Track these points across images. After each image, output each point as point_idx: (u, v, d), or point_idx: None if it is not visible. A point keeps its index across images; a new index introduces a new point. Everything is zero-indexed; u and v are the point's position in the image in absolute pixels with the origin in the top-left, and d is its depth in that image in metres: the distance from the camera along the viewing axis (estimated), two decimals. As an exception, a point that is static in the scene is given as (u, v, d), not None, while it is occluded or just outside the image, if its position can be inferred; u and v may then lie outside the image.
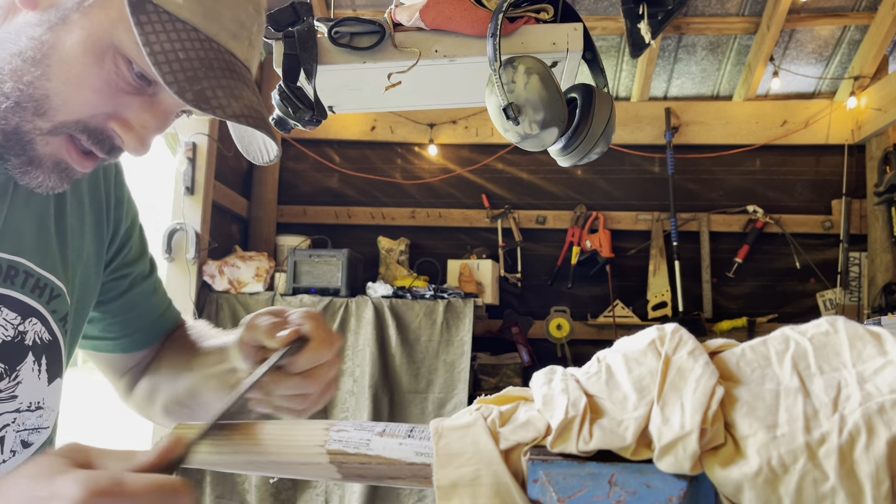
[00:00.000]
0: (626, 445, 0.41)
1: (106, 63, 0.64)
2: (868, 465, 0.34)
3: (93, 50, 0.63)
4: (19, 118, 0.64)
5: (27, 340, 0.76)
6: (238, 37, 0.68)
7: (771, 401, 0.39)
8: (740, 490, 0.37)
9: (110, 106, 0.66)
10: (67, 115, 0.65)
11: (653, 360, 0.44)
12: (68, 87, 0.64)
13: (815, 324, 0.42)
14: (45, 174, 0.67)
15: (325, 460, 0.50)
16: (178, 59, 0.61)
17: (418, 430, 0.50)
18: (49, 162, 0.67)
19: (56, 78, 0.63)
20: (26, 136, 0.65)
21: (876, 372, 0.38)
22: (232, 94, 0.65)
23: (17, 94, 0.64)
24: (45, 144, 0.66)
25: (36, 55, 0.63)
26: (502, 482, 0.43)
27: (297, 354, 0.69)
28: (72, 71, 0.63)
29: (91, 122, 0.66)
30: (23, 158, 0.66)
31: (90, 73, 0.64)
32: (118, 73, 0.65)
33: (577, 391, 0.45)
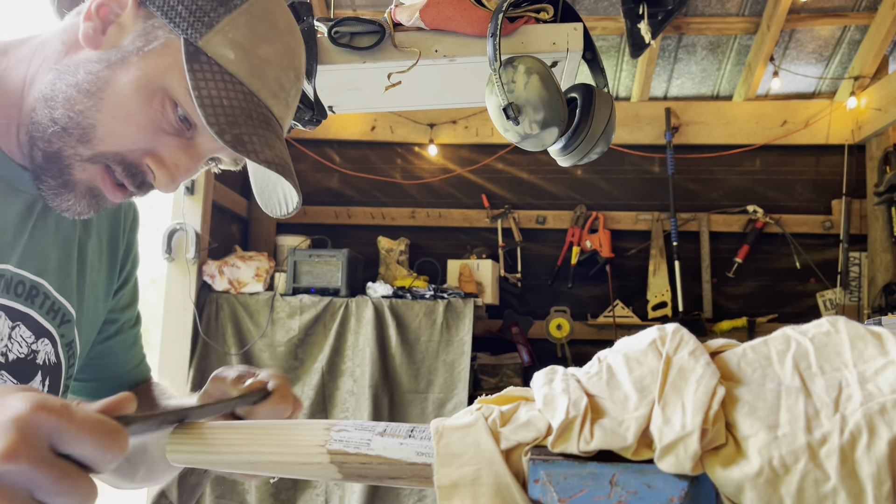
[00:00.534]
0: (627, 445, 0.41)
1: (154, 103, 0.69)
2: (869, 465, 0.34)
3: (145, 90, 0.69)
4: (63, 143, 0.69)
5: (38, 360, 0.78)
6: (277, 97, 0.74)
7: (772, 401, 0.39)
8: (741, 490, 0.37)
9: (150, 143, 0.70)
10: (108, 147, 0.69)
11: (654, 360, 0.44)
12: (116, 120, 0.68)
13: (816, 324, 0.42)
14: (76, 199, 0.72)
15: (326, 460, 0.50)
16: (223, 105, 0.67)
17: (419, 430, 0.50)
18: (83, 188, 0.71)
19: (106, 111, 0.68)
20: (66, 160, 0.69)
21: (877, 372, 0.38)
22: (266, 142, 0.70)
23: (66, 121, 0.68)
24: (82, 171, 0.70)
25: (91, 88, 0.68)
26: (503, 482, 0.43)
27: (258, 405, 0.73)
28: (122, 106, 0.68)
29: (129, 155, 0.70)
30: (59, 181, 0.70)
31: (138, 111, 0.69)
32: (163, 113, 0.70)
33: (578, 391, 0.45)
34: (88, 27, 0.70)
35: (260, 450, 0.53)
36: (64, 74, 0.70)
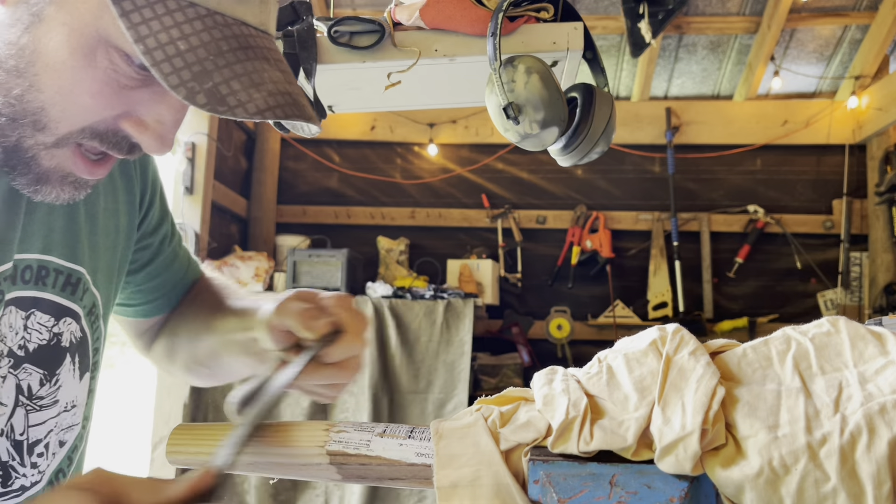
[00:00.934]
0: (626, 446, 0.41)
1: (98, 60, 0.55)
2: (869, 465, 0.34)
3: (80, 49, 0.54)
4: (19, 134, 0.57)
5: (63, 342, 0.74)
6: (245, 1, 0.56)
7: (772, 401, 0.39)
8: (741, 490, 0.37)
9: (117, 106, 0.57)
10: (71, 126, 0.57)
11: (654, 360, 0.44)
12: (63, 95, 0.55)
13: (817, 324, 0.42)
14: (56, 188, 0.61)
15: (325, 461, 0.50)
16: (179, 51, 0.51)
17: (418, 431, 0.50)
18: (56, 176, 0.60)
19: (47, 88, 0.55)
20: (28, 151, 0.58)
21: (877, 372, 0.38)
22: (251, 81, 0.54)
23: (9, 110, 0.56)
24: (49, 158, 0.59)
25: (19, 64, 0.55)
26: (503, 483, 0.43)
27: (331, 345, 0.66)
28: (63, 77, 0.55)
29: (99, 126, 0.58)
30: (29, 177, 0.60)
31: (83, 77, 0.55)
32: (115, 69, 0.55)
33: (577, 392, 0.44)
34: None
35: (260, 450, 0.53)
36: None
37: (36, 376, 0.71)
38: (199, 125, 3.14)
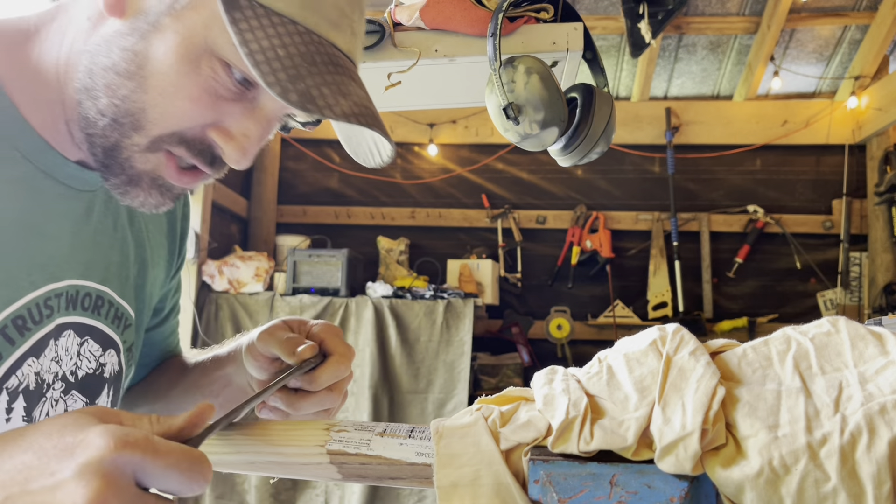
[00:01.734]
0: (627, 446, 0.41)
1: (203, 69, 0.59)
2: (869, 465, 0.34)
3: (188, 56, 0.59)
4: (118, 135, 0.61)
5: (105, 373, 0.76)
6: (339, 26, 0.61)
7: (772, 401, 0.39)
8: (741, 490, 0.37)
9: (209, 115, 0.61)
10: (164, 129, 0.61)
11: (654, 360, 0.44)
12: (165, 98, 0.59)
13: (817, 324, 0.42)
14: (145, 193, 0.64)
15: (326, 460, 0.50)
16: (278, 56, 0.56)
17: (419, 431, 0.50)
18: (148, 179, 0.63)
19: (152, 90, 0.59)
20: (124, 152, 0.62)
21: (877, 372, 0.38)
22: (339, 90, 0.58)
23: (112, 111, 0.60)
24: (144, 162, 0.62)
25: (130, 67, 0.59)
26: (503, 482, 0.43)
27: (318, 370, 0.67)
28: (167, 80, 0.59)
29: (188, 133, 0.61)
30: (123, 177, 0.63)
31: (187, 82, 0.59)
32: (216, 78, 0.60)
33: (578, 391, 0.44)
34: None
35: (260, 450, 0.53)
36: (97, 57, 0.61)
37: (80, 404, 0.73)
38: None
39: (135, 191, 0.64)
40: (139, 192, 0.64)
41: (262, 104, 0.63)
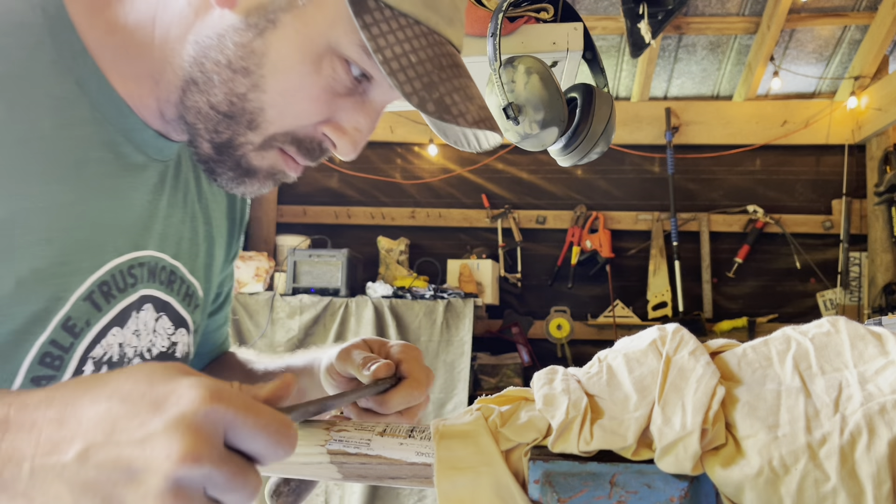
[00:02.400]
0: (627, 446, 0.41)
1: (324, 69, 0.58)
2: (869, 465, 0.34)
3: (310, 56, 0.58)
4: (231, 132, 0.60)
5: (177, 353, 0.74)
6: (453, 22, 0.61)
7: (772, 401, 0.39)
8: (741, 490, 0.37)
9: (325, 112, 0.61)
10: (280, 128, 0.60)
11: (654, 360, 0.44)
12: (285, 98, 0.58)
13: (817, 324, 0.42)
14: (258, 183, 0.64)
15: (326, 460, 0.50)
16: (412, 63, 0.56)
17: (419, 430, 0.50)
18: (264, 172, 0.63)
19: (271, 89, 0.58)
20: (239, 149, 0.61)
21: (877, 372, 0.38)
22: (466, 95, 0.59)
23: (227, 107, 0.59)
24: (259, 159, 0.62)
25: (247, 64, 0.58)
26: (503, 482, 0.43)
27: (391, 393, 0.66)
28: (288, 80, 0.58)
29: (301, 131, 0.61)
30: (238, 171, 0.62)
31: (308, 82, 0.58)
32: (335, 77, 0.59)
33: (577, 391, 0.45)
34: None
35: None
36: (208, 50, 0.58)
37: None
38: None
39: (251, 181, 0.63)
40: (254, 182, 0.63)
41: (371, 97, 0.62)
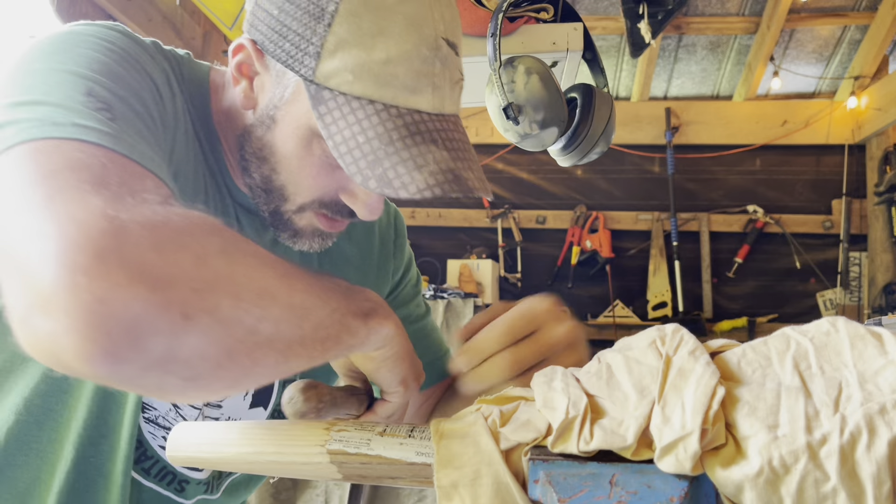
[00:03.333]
0: (626, 446, 0.41)
1: (314, 150, 0.69)
2: (869, 465, 0.34)
3: (301, 142, 0.68)
4: (275, 203, 0.73)
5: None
6: (417, 90, 0.65)
7: (772, 401, 0.39)
8: (741, 490, 0.37)
9: (333, 183, 0.70)
10: (304, 198, 0.71)
11: (653, 359, 0.44)
12: (293, 177, 0.70)
13: (816, 324, 0.42)
14: (308, 240, 0.76)
15: (326, 460, 0.50)
16: (358, 144, 0.63)
17: (419, 430, 0.50)
18: (308, 231, 0.75)
19: (283, 171, 0.70)
20: (284, 215, 0.73)
21: (877, 372, 0.38)
22: (415, 165, 0.63)
23: (264, 185, 0.72)
24: (300, 220, 0.74)
25: (263, 154, 0.71)
26: (503, 482, 0.43)
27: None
28: (291, 164, 0.70)
29: (325, 198, 0.72)
30: (288, 232, 0.75)
31: (306, 163, 0.69)
32: (326, 155, 0.68)
33: (577, 391, 0.45)
34: (241, 92, 0.71)
35: (260, 449, 0.53)
36: (245, 142, 0.73)
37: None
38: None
39: (301, 240, 0.75)
40: (304, 240, 0.75)
41: None
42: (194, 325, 0.43)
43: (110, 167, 0.50)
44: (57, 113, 0.53)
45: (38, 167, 0.48)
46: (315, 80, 0.64)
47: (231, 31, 2.56)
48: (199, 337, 0.43)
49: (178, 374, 0.43)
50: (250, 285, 0.47)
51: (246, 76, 0.71)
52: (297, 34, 0.65)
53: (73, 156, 0.50)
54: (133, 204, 0.46)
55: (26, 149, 0.50)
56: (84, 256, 0.41)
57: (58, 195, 0.46)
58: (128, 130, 0.56)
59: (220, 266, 0.46)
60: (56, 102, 0.54)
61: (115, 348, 0.41)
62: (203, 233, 0.47)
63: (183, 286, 0.43)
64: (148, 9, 2.79)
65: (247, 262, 0.48)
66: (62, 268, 0.41)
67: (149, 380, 0.43)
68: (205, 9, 2.46)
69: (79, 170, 0.48)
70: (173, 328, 0.42)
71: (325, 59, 0.64)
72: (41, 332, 0.42)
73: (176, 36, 3.03)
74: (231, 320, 0.45)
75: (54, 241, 0.42)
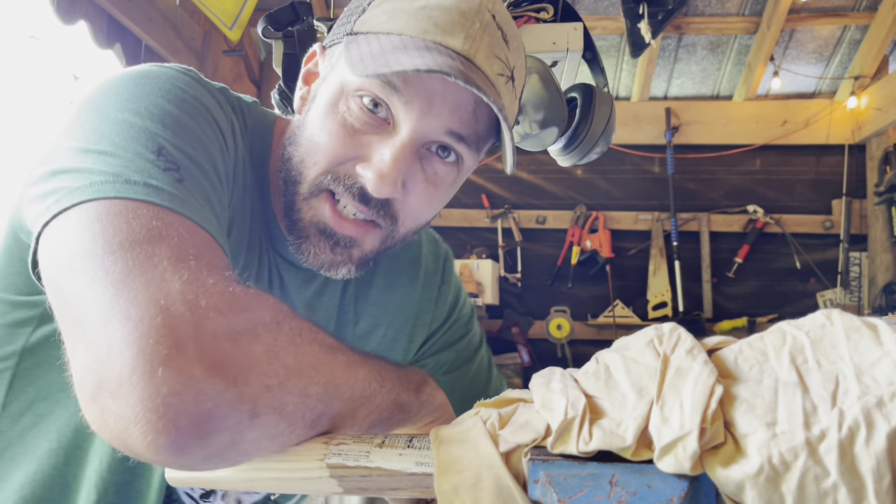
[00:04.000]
0: (626, 446, 0.40)
1: (339, 108, 0.66)
2: (869, 459, 0.34)
3: (328, 102, 0.67)
4: (291, 192, 0.69)
5: None
6: (449, 31, 0.63)
7: (770, 398, 0.39)
8: (742, 489, 0.37)
9: (351, 149, 0.66)
10: (318, 169, 0.67)
11: (651, 359, 0.44)
12: (311, 143, 0.67)
13: (812, 317, 0.42)
14: (314, 245, 0.69)
15: (326, 474, 0.49)
16: (372, 53, 0.62)
17: (418, 440, 0.50)
18: (313, 229, 0.69)
19: (304, 142, 0.68)
20: (295, 206, 0.69)
21: (873, 364, 0.38)
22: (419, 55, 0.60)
23: (285, 175, 0.70)
24: (307, 210, 0.69)
25: (295, 135, 0.70)
26: (504, 484, 0.43)
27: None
28: (313, 129, 0.67)
29: (339, 169, 0.67)
30: (295, 233, 0.70)
31: (326, 123, 0.67)
32: (349, 111, 0.66)
33: (575, 392, 0.44)
34: (298, 98, 0.73)
35: (260, 466, 0.52)
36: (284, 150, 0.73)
37: None
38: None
39: (306, 244, 0.69)
40: (310, 245, 0.69)
41: (397, 131, 0.66)
42: (261, 422, 0.43)
43: (186, 239, 0.50)
44: (129, 170, 0.52)
45: (115, 233, 0.48)
46: (353, 31, 0.65)
47: (231, 31, 2.56)
48: (263, 432, 0.44)
49: (233, 461, 0.45)
50: (317, 379, 0.47)
51: (308, 84, 0.73)
52: (351, 9, 0.68)
53: (150, 224, 0.49)
54: (211, 285, 0.46)
55: (100, 207, 0.50)
56: (164, 346, 0.42)
57: (137, 271, 0.45)
58: (195, 194, 0.56)
59: (290, 359, 0.46)
60: (128, 158, 0.53)
61: (183, 442, 0.41)
62: (274, 321, 0.47)
63: (256, 382, 0.43)
64: (148, 9, 2.79)
65: (314, 353, 0.48)
66: (141, 355, 0.41)
67: (205, 466, 0.44)
68: (205, 9, 2.46)
69: (157, 242, 0.48)
70: (240, 426, 0.43)
71: (367, 10, 0.66)
72: (110, 414, 0.42)
73: (176, 36, 3.03)
74: (295, 417, 0.46)
75: (133, 324, 0.42)
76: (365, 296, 0.85)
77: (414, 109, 0.64)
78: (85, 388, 0.43)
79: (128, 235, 0.48)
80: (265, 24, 1.35)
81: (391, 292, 0.87)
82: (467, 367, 0.94)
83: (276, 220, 0.75)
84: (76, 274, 0.47)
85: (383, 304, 0.87)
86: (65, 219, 0.50)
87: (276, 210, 0.74)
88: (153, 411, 0.40)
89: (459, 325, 0.95)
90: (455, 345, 0.94)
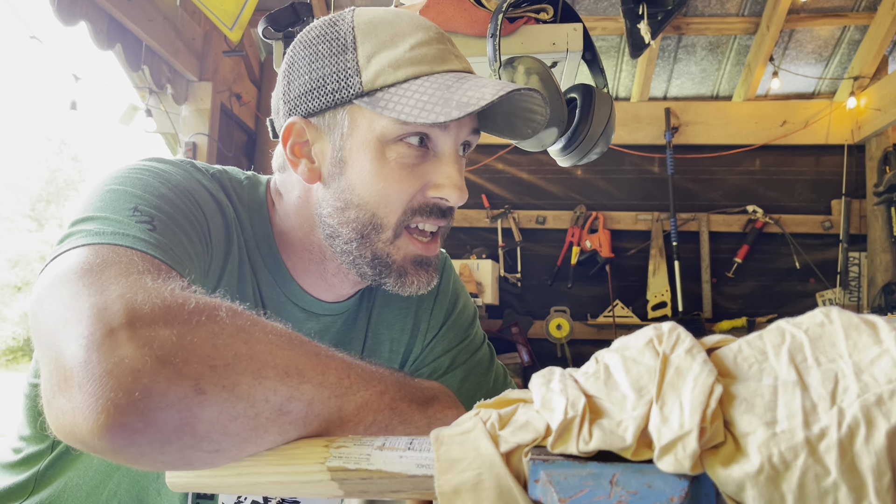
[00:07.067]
0: (626, 446, 0.40)
1: (388, 156, 0.72)
2: (869, 457, 0.34)
3: (374, 156, 0.72)
4: (370, 244, 0.74)
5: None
6: (445, 60, 0.74)
7: (769, 396, 0.39)
8: (742, 489, 0.37)
9: (416, 182, 0.73)
10: (396, 214, 0.73)
11: (650, 359, 0.44)
12: (379, 196, 0.72)
13: (811, 315, 0.42)
14: (413, 276, 0.76)
15: (327, 477, 0.49)
16: (419, 102, 0.68)
17: (418, 442, 0.50)
18: (408, 264, 0.76)
19: (368, 198, 0.73)
20: (382, 253, 0.75)
21: (872, 362, 0.38)
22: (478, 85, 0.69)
23: (355, 234, 0.74)
24: (396, 251, 0.75)
25: (346, 199, 0.74)
26: (504, 485, 0.43)
27: None
28: (373, 184, 0.72)
29: (414, 202, 0.74)
30: (393, 275, 0.75)
31: (385, 174, 0.72)
32: (401, 154, 0.72)
33: (575, 391, 0.44)
34: (303, 171, 0.75)
35: (261, 470, 0.52)
36: (322, 211, 0.76)
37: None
38: (200, 126, 3.14)
39: (407, 279, 0.76)
40: (411, 278, 0.76)
41: (441, 150, 0.75)
42: (210, 399, 0.44)
43: (137, 261, 0.54)
44: (104, 225, 0.59)
45: (71, 266, 0.53)
46: (365, 91, 0.70)
47: (231, 32, 2.56)
48: (216, 411, 0.44)
49: (202, 448, 0.44)
50: (274, 363, 0.48)
51: (302, 155, 0.75)
52: (334, 72, 0.72)
53: (106, 256, 0.54)
54: (151, 287, 0.49)
55: (69, 254, 0.55)
56: (97, 335, 0.44)
57: (84, 289, 0.49)
58: (167, 239, 0.61)
59: (239, 345, 0.47)
60: (104, 217, 0.60)
61: (125, 419, 0.42)
62: (220, 314, 0.49)
63: (198, 362, 0.44)
64: (148, 9, 2.79)
65: (269, 341, 0.49)
66: (79, 347, 0.44)
67: (171, 455, 0.44)
68: (205, 9, 2.46)
69: (108, 266, 0.52)
70: (185, 401, 0.43)
71: (364, 71, 0.71)
72: (60, 411, 0.44)
73: (176, 36, 3.03)
74: (253, 397, 0.45)
75: (73, 327, 0.45)
76: (366, 317, 0.90)
77: (451, 128, 0.73)
78: (43, 397, 0.46)
79: (83, 266, 0.53)
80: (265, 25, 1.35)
81: (388, 308, 0.92)
82: (465, 369, 0.95)
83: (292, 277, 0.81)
84: (40, 304, 0.52)
85: (383, 320, 0.91)
86: (41, 275, 0.56)
87: (295, 271, 0.81)
88: (92, 394, 0.42)
89: (458, 330, 0.97)
90: (452, 350, 0.96)
